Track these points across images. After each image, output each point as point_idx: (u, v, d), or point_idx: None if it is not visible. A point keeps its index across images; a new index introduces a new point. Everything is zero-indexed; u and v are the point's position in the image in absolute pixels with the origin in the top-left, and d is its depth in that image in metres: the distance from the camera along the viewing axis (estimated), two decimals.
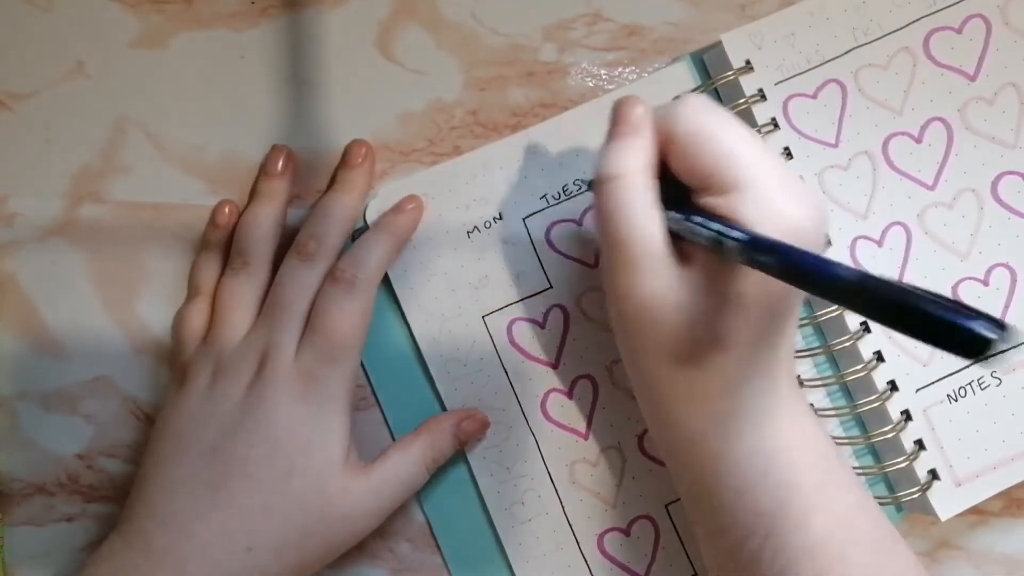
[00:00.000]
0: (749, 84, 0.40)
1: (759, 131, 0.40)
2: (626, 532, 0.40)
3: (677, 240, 0.33)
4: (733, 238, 0.30)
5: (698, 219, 0.32)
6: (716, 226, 0.31)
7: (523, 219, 0.41)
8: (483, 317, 0.41)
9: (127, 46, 0.42)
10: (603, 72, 0.42)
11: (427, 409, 0.41)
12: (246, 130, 0.42)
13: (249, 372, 0.37)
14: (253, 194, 0.41)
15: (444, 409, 0.41)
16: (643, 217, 0.33)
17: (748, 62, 0.40)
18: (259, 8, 0.42)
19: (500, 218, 0.41)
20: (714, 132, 0.33)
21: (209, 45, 0.42)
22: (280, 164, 0.41)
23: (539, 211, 0.41)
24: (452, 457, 0.40)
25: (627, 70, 0.42)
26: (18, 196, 0.42)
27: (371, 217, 0.41)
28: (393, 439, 0.41)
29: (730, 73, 0.40)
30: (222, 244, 0.41)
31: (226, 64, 0.42)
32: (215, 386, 0.37)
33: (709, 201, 0.33)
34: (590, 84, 0.42)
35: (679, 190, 0.34)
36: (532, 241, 0.41)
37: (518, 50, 0.43)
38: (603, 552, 0.40)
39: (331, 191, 0.41)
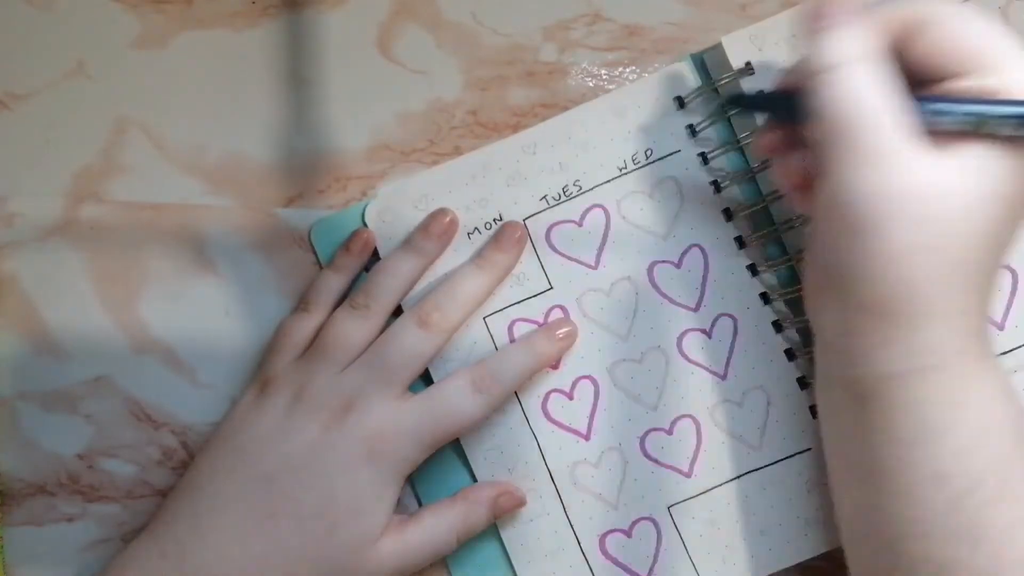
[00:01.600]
0: (749, 86, 0.40)
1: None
2: (628, 533, 0.40)
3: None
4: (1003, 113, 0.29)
5: (949, 103, 0.31)
6: (977, 106, 0.30)
7: (523, 220, 0.41)
8: (484, 318, 0.41)
9: (127, 46, 0.42)
10: (603, 72, 0.42)
11: None
12: (246, 130, 0.42)
13: (330, 413, 0.37)
14: (405, 243, 0.41)
15: None
16: (879, 105, 0.30)
17: (748, 64, 0.40)
18: (259, 8, 0.42)
19: (500, 219, 0.41)
20: (976, 13, 0.31)
21: (209, 45, 0.42)
22: (442, 228, 0.40)
23: (539, 212, 0.41)
24: (454, 447, 0.40)
25: (627, 70, 0.42)
26: (18, 196, 0.42)
27: (370, 219, 0.41)
28: None
29: (730, 75, 0.40)
30: (351, 272, 0.41)
31: (226, 64, 0.42)
32: (293, 414, 0.37)
33: (970, 84, 0.31)
34: (590, 84, 0.42)
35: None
36: (532, 242, 0.41)
37: (518, 50, 0.43)
38: (605, 553, 0.40)
39: (470, 264, 0.40)
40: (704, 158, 0.41)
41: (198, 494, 0.37)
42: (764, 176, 0.41)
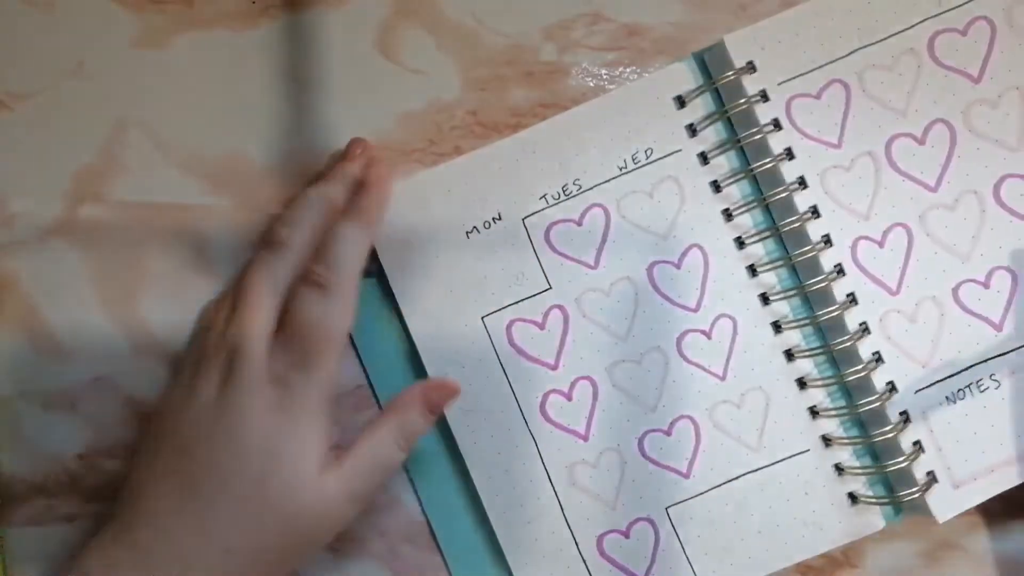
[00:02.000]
0: (751, 84, 0.40)
1: (760, 132, 0.40)
2: (626, 534, 0.40)
3: None
4: None
5: None
6: None
7: (522, 219, 0.41)
8: (482, 318, 0.41)
9: (127, 46, 0.42)
10: (603, 72, 0.42)
11: None
12: (246, 130, 0.42)
13: (219, 369, 0.36)
14: (323, 175, 0.40)
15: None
16: None
17: (751, 63, 0.40)
18: (259, 8, 0.42)
19: (499, 218, 0.41)
20: None
21: (209, 45, 0.42)
22: (360, 150, 0.40)
23: (538, 211, 0.41)
24: (450, 449, 0.40)
25: (627, 70, 0.42)
26: (18, 196, 0.42)
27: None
28: None
29: (731, 73, 0.40)
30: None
31: (226, 64, 0.42)
32: (193, 380, 0.37)
33: None
34: (590, 84, 0.42)
35: None
36: (531, 241, 0.41)
37: (518, 50, 0.42)
38: (602, 554, 0.40)
39: (345, 219, 0.38)
40: (704, 157, 0.41)
41: (133, 478, 0.37)
42: (764, 175, 0.41)
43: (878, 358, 0.39)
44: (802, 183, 0.40)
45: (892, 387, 0.39)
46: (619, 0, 0.42)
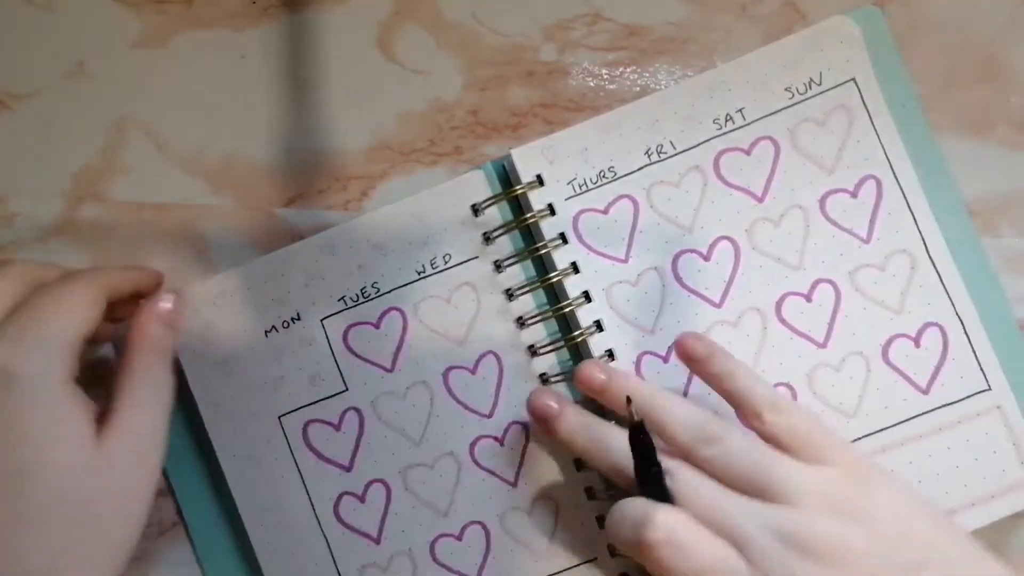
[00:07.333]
0: (539, 199, 0.40)
1: (546, 246, 0.40)
2: None
3: None
4: None
5: None
6: None
7: (320, 320, 0.41)
8: (279, 417, 0.40)
9: (127, 46, 0.42)
10: (604, 72, 0.42)
11: (224, 507, 0.41)
12: (246, 130, 0.42)
13: None
14: None
15: (237, 507, 0.40)
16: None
17: (539, 176, 0.40)
18: (259, 8, 0.42)
19: (298, 319, 0.41)
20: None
21: (209, 45, 0.42)
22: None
23: (337, 313, 0.41)
24: (242, 548, 0.40)
25: (628, 70, 0.42)
26: (18, 196, 0.42)
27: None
28: (192, 543, 0.41)
29: (520, 187, 0.40)
30: None
31: (226, 64, 0.42)
32: None
33: None
34: (590, 84, 0.42)
35: None
36: (329, 343, 0.41)
37: (518, 50, 0.43)
38: None
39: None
40: (498, 266, 0.41)
41: None
42: (551, 288, 0.41)
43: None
44: (587, 297, 0.40)
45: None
46: (619, 0, 0.43)
